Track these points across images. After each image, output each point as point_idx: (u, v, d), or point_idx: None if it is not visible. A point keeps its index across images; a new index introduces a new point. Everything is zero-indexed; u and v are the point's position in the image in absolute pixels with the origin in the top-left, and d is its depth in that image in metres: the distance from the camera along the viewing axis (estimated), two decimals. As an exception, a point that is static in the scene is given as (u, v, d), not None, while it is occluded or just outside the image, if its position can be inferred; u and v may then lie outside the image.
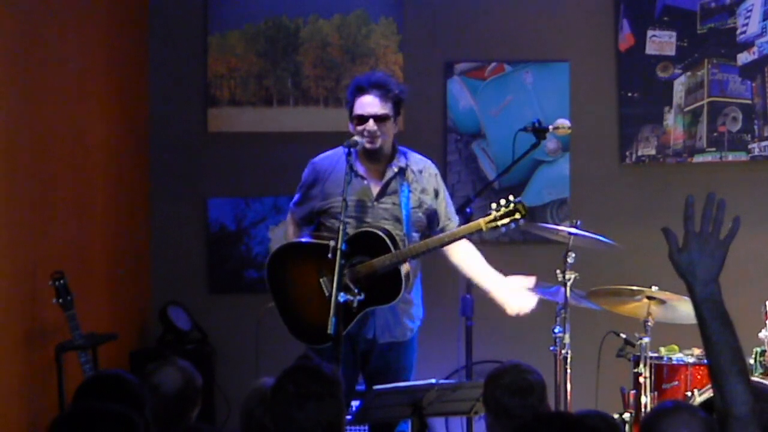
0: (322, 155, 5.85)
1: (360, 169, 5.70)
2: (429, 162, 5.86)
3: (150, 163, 7.63)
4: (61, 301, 5.78)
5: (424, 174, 5.79)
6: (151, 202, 7.64)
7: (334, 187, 5.69)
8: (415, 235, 5.72)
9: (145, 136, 7.61)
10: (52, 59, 6.23)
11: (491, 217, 5.56)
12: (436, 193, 5.81)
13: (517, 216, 5.56)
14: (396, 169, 5.72)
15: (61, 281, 5.80)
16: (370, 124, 5.65)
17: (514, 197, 5.61)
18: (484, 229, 5.57)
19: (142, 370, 4.48)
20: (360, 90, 5.69)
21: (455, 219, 5.86)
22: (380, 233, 5.57)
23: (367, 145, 5.66)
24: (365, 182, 5.69)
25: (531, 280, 5.77)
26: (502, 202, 5.57)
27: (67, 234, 6.38)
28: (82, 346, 5.83)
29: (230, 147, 7.60)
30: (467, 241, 5.79)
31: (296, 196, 5.91)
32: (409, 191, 5.72)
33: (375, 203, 5.69)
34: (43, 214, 6.09)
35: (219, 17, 7.58)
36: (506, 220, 5.56)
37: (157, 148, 7.64)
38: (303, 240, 5.77)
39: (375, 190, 5.70)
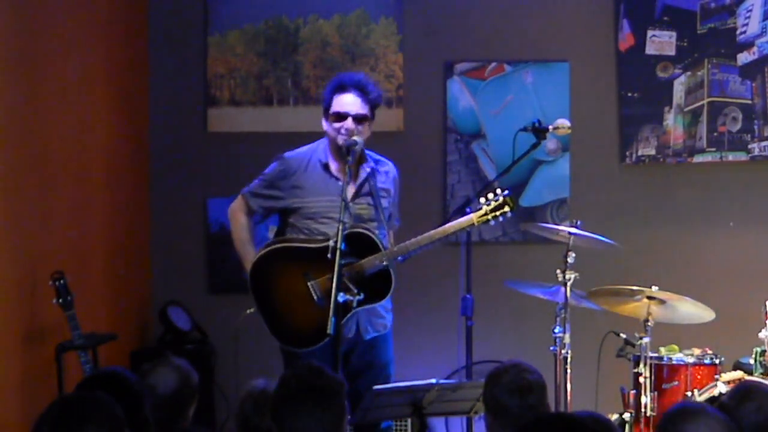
0: (292, 152, 5.87)
1: (334, 168, 5.72)
2: (391, 164, 5.94)
3: (150, 163, 7.63)
4: (61, 301, 5.79)
5: (389, 175, 5.89)
6: (151, 202, 7.64)
7: (307, 187, 5.73)
8: (385, 234, 5.78)
9: (145, 136, 7.61)
10: (53, 59, 6.23)
11: (482, 211, 5.64)
12: (395, 195, 5.90)
13: (506, 209, 5.65)
14: (368, 170, 5.76)
15: (61, 281, 5.80)
16: (349, 122, 5.69)
17: (502, 190, 5.66)
18: (475, 223, 5.65)
19: (140, 370, 4.48)
20: (341, 88, 5.73)
21: (399, 220, 5.98)
22: (370, 233, 5.59)
23: (340, 142, 5.68)
24: (339, 183, 5.69)
25: None
26: (490, 195, 5.65)
27: (67, 234, 6.37)
28: (82, 346, 5.83)
29: (230, 147, 7.59)
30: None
31: (256, 183, 5.87)
32: (380, 192, 5.76)
33: (351, 204, 5.70)
34: (43, 214, 6.08)
35: (219, 17, 7.58)
36: (496, 214, 5.64)
37: (157, 148, 7.63)
38: (287, 245, 5.76)
39: (350, 191, 5.72)
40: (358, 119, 5.71)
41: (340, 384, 4.00)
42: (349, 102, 5.71)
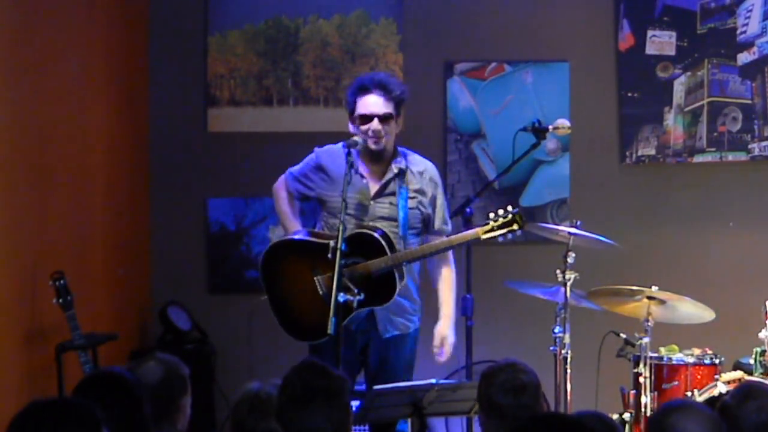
0: (323, 148, 5.88)
1: (361, 167, 5.72)
2: (430, 164, 5.89)
3: (150, 163, 7.63)
4: (61, 301, 5.79)
5: (424, 176, 5.83)
6: (151, 202, 7.64)
7: (333, 182, 5.73)
8: (412, 235, 5.75)
9: (145, 136, 7.61)
10: (52, 59, 6.23)
11: (489, 227, 5.61)
12: (433, 197, 5.84)
13: (515, 227, 5.60)
14: (396, 170, 5.75)
15: (61, 281, 5.80)
16: (375, 124, 5.67)
17: (513, 207, 5.65)
18: (481, 238, 5.62)
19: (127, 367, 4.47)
20: (363, 90, 5.71)
21: (449, 224, 5.90)
22: (377, 236, 5.59)
23: (372, 146, 5.69)
24: (364, 181, 5.71)
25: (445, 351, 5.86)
26: (500, 212, 5.61)
27: (67, 234, 6.37)
28: (82, 346, 5.83)
29: (230, 147, 7.59)
30: (451, 266, 5.85)
31: (297, 167, 5.89)
32: (407, 193, 5.74)
33: (372, 202, 5.71)
34: (43, 214, 6.08)
35: (219, 17, 7.58)
36: (503, 231, 5.60)
37: (157, 148, 7.63)
38: (297, 238, 5.78)
39: (373, 189, 5.73)
40: (384, 119, 5.70)
41: (344, 381, 4.01)
42: (372, 102, 5.70)
